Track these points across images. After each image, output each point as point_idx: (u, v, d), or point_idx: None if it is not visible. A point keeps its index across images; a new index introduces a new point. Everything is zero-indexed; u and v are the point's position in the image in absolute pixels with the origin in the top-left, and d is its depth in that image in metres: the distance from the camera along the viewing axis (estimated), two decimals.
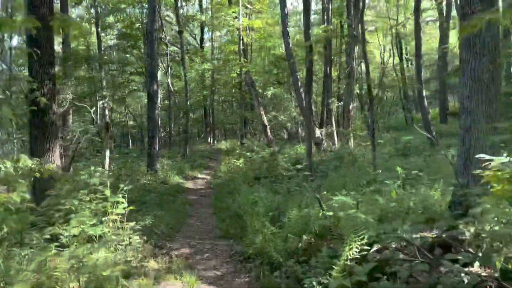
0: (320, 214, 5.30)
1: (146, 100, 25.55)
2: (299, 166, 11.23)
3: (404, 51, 28.70)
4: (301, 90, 16.90)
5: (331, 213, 5.23)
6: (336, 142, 18.68)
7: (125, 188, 7.04)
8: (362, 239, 4.48)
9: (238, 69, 21.13)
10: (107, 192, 6.16)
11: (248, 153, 15.53)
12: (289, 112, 20.47)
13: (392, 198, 5.52)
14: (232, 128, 42.11)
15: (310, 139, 11.33)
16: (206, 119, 33.16)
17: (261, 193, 7.74)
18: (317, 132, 16.95)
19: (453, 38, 26.27)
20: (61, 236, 5.45)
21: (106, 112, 26.78)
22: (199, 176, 17.91)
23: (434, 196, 5.83)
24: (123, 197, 6.75)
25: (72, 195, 6.24)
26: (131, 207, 6.74)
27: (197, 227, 8.63)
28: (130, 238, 6.46)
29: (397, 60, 28.42)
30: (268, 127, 16.34)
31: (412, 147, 15.25)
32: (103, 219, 6.23)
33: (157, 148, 14.84)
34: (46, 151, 8.31)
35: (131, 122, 31.28)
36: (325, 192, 6.33)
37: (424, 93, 16.57)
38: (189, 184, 15.38)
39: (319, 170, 11.47)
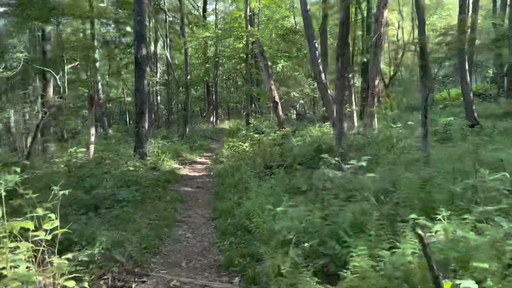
0: (441, 281, 2.27)
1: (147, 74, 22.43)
2: (325, 155, 8.19)
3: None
4: (319, 61, 13.73)
5: (469, 284, 2.19)
6: (356, 123, 15.63)
7: (60, 193, 4.12)
8: None
9: (245, 39, 17.79)
10: None
11: (256, 135, 12.46)
12: (302, 88, 17.26)
13: None
14: (236, 107, 38.90)
15: (341, 119, 8.26)
16: (208, 96, 29.98)
17: (285, 205, 4.66)
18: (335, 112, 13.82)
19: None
20: None
21: (99, 86, 23.71)
22: (198, 160, 14.90)
23: None
24: (49, 210, 3.86)
25: None
26: (64, 230, 3.77)
27: (187, 244, 5.64)
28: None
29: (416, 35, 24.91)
30: (279, 104, 13.22)
31: (454, 130, 12.16)
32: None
33: (146, 127, 11.79)
34: None
35: (129, 99, 28.14)
36: (413, 215, 3.28)
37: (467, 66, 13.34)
38: (185, 170, 12.37)
39: (350, 158, 8.38)
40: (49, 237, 3.64)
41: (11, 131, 10.71)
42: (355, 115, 15.54)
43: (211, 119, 29.49)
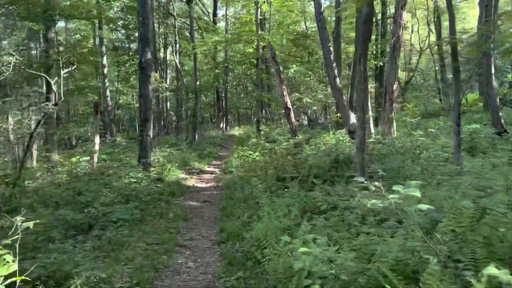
0: None
1: (153, 78, 21.64)
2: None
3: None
4: (334, 65, 12.83)
5: None
6: (372, 130, 14.62)
7: (23, 226, 3.32)
8: None
9: (255, 43, 16.93)
10: None
11: (268, 144, 11.53)
12: (315, 94, 16.30)
13: None
14: (246, 113, 38.09)
15: (362, 127, 7.32)
16: (218, 102, 29.18)
17: (304, 233, 3.75)
18: (352, 118, 12.87)
19: None
20: None
21: (108, 92, 23.08)
22: (207, 169, 14.04)
23: None
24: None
25: None
26: (20, 278, 2.90)
27: (187, 277, 4.73)
28: None
29: (433, 39, 23.81)
30: (291, 110, 12.29)
31: (481, 138, 11.09)
32: None
33: (151, 135, 10.96)
34: None
35: (138, 105, 27.59)
36: (491, 268, 2.34)
37: (493, 70, 12.28)
38: (192, 181, 11.51)
39: (372, 171, 7.42)
40: None
41: (10, 140, 9.98)
42: (371, 122, 14.53)
43: (221, 125, 28.70)
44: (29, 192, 7.99)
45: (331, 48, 12.77)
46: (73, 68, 9.84)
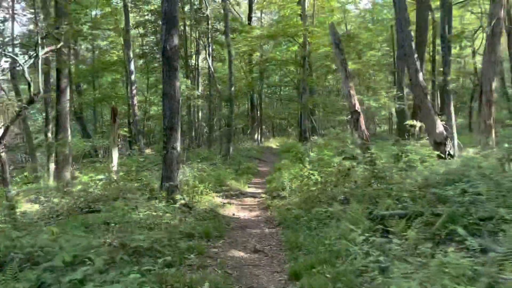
0: None
1: (184, 86, 18.70)
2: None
3: None
4: (416, 56, 9.40)
5: None
6: (456, 141, 11.01)
7: None
8: None
9: (301, 39, 13.66)
10: None
11: (337, 160, 8.08)
12: (380, 97, 12.75)
13: None
14: (280, 124, 34.78)
15: None
16: (252, 112, 26.01)
17: None
18: (439, 125, 9.29)
19: None
20: None
21: (135, 101, 20.29)
22: (247, 189, 10.78)
23: None
24: None
25: None
26: None
27: None
28: None
29: None
30: (361, 115, 8.89)
31: None
32: None
33: (178, 149, 7.78)
34: None
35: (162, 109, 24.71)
36: None
37: None
38: (232, 209, 8.25)
39: None
40: None
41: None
42: (454, 130, 10.91)
43: (256, 136, 25.47)
44: None
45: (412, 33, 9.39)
46: (58, 46, 6.83)
